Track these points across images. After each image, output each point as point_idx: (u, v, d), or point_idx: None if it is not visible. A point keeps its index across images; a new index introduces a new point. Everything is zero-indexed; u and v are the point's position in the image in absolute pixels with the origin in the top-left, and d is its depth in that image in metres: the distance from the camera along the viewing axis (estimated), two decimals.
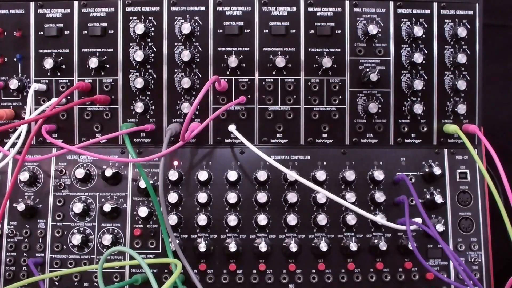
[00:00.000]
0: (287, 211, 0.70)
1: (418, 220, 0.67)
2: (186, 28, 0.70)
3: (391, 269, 0.69)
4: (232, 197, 0.68)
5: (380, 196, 0.69)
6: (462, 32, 0.71)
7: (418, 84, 0.70)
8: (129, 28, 0.71)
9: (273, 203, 0.70)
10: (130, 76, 0.72)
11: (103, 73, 0.72)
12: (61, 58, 0.71)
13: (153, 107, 0.72)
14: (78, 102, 0.71)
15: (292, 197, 0.68)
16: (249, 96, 0.71)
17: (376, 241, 0.68)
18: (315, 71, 0.72)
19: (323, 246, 0.67)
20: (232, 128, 0.70)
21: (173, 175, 0.68)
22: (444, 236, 0.70)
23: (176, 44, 0.71)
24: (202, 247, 0.66)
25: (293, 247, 0.67)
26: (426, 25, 0.72)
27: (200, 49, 0.71)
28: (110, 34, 0.72)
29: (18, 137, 0.68)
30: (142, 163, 0.70)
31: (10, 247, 0.69)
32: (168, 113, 0.72)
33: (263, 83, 0.72)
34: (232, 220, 0.68)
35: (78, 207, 0.68)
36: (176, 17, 0.71)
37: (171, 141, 0.70)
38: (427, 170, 0.70)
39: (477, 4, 0.72)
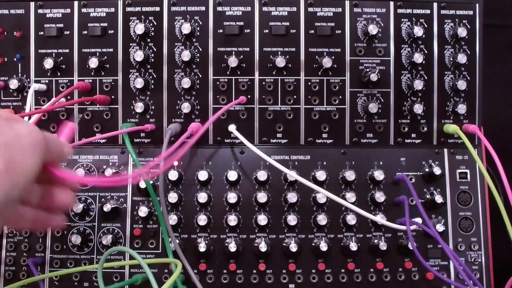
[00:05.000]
0: (287, 211, 0.70)
1: (418, 220, 0.67)
2: (186, 28, 0.70)
3: (391, 269, 0.69)
4: (232, 197, 0.68)
5: (380, 196, 0.69)
6: (462, 32, 0.71)
7: (418, 84, 0.70)
8: (129, 28, 0.71)
9: (273, 203, 0.70)
10: (130, 76, 0.72)
11: (103, 73, 0.72)
12: (61, 58, 0.72)
13: (153, 107, 0.72)
14: (77, 101, 0.71)
15: (292, 197, 0.68)
16: (249, 96, 0.71)
17: (376, 241, 0.68)
18: (315, 71, 0.72)
19: (323, 246, 0.67)
20: (232, 128, 0.70)
21: (173, 175, 0.68)
22: (444, 236, 0.70)
23: (176, 44, 0.71)
24: (202, 247, 0.67)
25: (293, 247, 0.67)
26: (426, 25, 0.72)
27: (200, 49, 0.71)
28: (110, 34, 0.72)
29: None
30: (142, 163, 0.70)
31: (10, 247, 0.69)
32: (168, 113, 0.72)
33: (263, 83, 0.72)
34: (232, 220, 0.68)
35: (78, 207, 0.68)
36: (176, 17, 0.71)
37: (171, 141, 0.71)
38: (427, 170, 0.70)
39: (477, 4, 0.72)
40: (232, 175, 0.69)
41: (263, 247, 0.67)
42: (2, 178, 0.35)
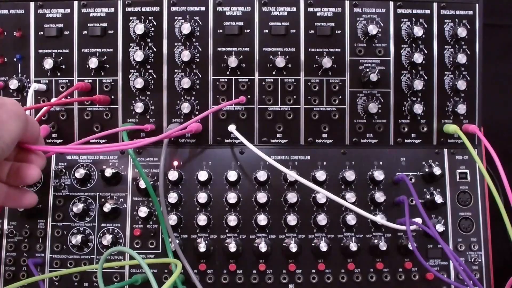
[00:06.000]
0: (287, 211, 0.70)
1: (418, 220, 0.67)
2: (186, 28, 0.70)
3: (391, 269, 0.69)
4: (232, 197, 0.68)
5: (380, 196, 0.69)
6: (462, 32, 0.71)
7: (418, 84, 0.70)
8: (129, 28, 0.71)
9: (273, 203, 0.70)
10: (130, 76, 0.72)
11: (103, 73, 0.72)
12: (61, 58, 0.72)
13: (153, 107, 0.72)
14: (77, 100, 0.71)
15: (292, 197, 0.68)
16: (249, 96, 0.71)
17: (376, 241, 0.68)
18: (315, 71, 0.72)
19: (323, 246, 0.67)
20: (232, 128, 0.70)
21: (173, 175, 0.68)
22: (444, 236, 0.70)
23: (176, 44, 0.71)
24: (202, 247, 0.66)
25: (293, 247, 0.67)
26: (426, 25, 0.72)
27: (200, 49, 0.71)
28: (110, 34, 0.72)
29: None
30: (142, 163, 0.70)
31: (10, 247, 0.69)
32: (168, 113, 0.72)
33: (263, 83, 0.72)
34: (232, 220, 0.68)
35: (78, 207, 0.68)
36: (176, 17, 0.71)
37: (171, 141, 0.71)
38: (427, 170, 0.70)
39: (477, 4, 0.72)
40: (232, 175, 0.69)
41: (263, 247, 0.67)
42: None
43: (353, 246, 0.67)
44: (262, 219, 0.68)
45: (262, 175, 0.69)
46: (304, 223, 0.70)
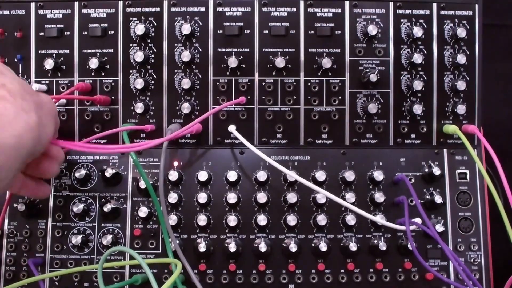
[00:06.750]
0: (287, 211, 0.70)
1: (418, 220, 0.67)
2: (186, 28, 0.70)
3: (391, 269, 0.69)
4: (232, 197, 0.69)
5: (379, 197, 0.69)
6: (461, 32, 0.71)
7: (418, 85, 0.71)
8: (129, 29, 0.72)
9: (273, 204, 0.70)
10: (130, 76, 0.72)
11: (103, 74, 0.72)
12: (62, 58, 0.72)
13: (153, 108, 0.72)
14: (78, 98, 0.71)
15: (292, 197, 0.69)
16: (249, 97, 0.72)
17: (376, 241, 0.69)
18: (315, 72, 0.72)
19: (323, 246, 0.67)
20: (232, 128, 0.70)
21: (173, 176, 0.69)
22: (444, 237, 0.70)
23: (176, 44, 0.72)
24: (202, 247, 0.67)
25: (293, 247, 0.67)
26: (425, 26, 0.72)
27: (200, 49, 0.72)
28: (111, 35, 0.72)
29: None
30: (142, 163, 0.71)
31: (10, 247, 0.70)
32: (168, 114, 0.72)
33: (263, 83, 0.72)
34: (232, 220, 0.68)
35: (78, 207, 0.68)
36: (176, 18, 0.72)
37: (171, 141, 0.71)
38: (426, 170, 0.70)
39: (476, 5, 0.72)
40: (232, 176, 0.69)
41: (263, 247, 0.67)
42: (36, 130, 0.39)
43: (353, 246, 0.67)
44: (262, 219, 0.68)
45: (262, 176, 0.69)
46: (304, 223, 0.70)
